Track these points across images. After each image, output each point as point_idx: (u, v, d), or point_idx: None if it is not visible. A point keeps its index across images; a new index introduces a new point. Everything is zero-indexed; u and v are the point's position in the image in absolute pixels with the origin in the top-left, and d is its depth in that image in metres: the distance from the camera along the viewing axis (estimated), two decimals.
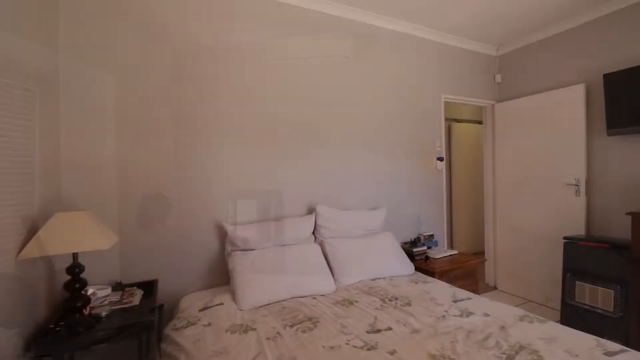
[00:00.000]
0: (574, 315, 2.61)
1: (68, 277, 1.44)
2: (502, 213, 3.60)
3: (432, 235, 3.03)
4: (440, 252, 2.86)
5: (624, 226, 2.53)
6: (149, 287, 1.87)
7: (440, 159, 3.30)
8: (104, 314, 1.54)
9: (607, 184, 2.83)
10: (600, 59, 2.85)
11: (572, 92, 2.95)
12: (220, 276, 2.18)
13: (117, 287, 1.83)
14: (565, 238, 2.72)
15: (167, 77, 2.05)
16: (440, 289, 2.05)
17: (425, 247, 2.89)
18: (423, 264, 2.63)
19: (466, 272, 2.71)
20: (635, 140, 2.64)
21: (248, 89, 2.31)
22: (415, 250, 2.80)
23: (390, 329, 1.54)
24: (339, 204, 2.64)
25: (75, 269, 1.45)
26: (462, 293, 1.98)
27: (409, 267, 2.41)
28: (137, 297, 1.73)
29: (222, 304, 1.80)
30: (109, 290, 1.77)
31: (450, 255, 2.83)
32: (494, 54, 3.72)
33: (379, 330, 1.53)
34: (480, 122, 4.26)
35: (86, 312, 1.51)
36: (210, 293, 1.99)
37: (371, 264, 2.28)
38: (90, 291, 1.64)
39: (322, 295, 1.98)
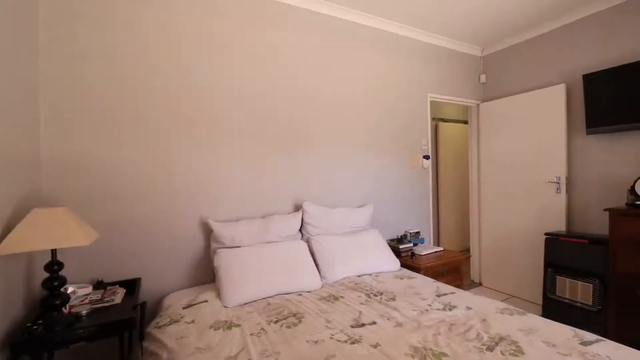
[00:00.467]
0: (555, 309, 2.68)
1: (47, 275, 1.41)
2: (486, 211, 3.67)
3: (418, 233, 3.07)
4: (426, 248, 2.89)
5: (602, 222, 2.62)
6: (131, 285, 1.85)
7: (426, 157, 3.35)
8: (84, 312, 1.51)
9: (586, 182, 2.91)
10: (579, 60, 2.93)
11: (553, 93, 3.03)
12: (206, 274, 2.16)
13: (99, 285, 1.80)
14: (546, 234, 2.80)
15: (151, 73, 2.02)
16: (424, 284, 2.08)
17: (411, 244, 2.93)
18: (409, 261, 2.66)
19: (451, 268, 2.76)
20: (612, 139, 2.73)
21: (236, 87, 2.30)
22: (401, 247, 2.83)
23: (374, 323, 1.56)
24: (326, 202, 2.66)
25: (53, 266, 1.41)
26: (446, 288, 2.01)
27: (394, 263, 2.43)
28: (119, 295, 1.71)
29: (206, 301, 1.78)
30: (90, 289, 1.73)
31: (436, 252, 2.87)
32: (479, 54, 3.79)
33: (363, 325, 1.54)
34: (466, 122, 4.34)
35: (65, 310, 1.47)
36: (195, 291, 1.97)
37: (357, 260, 2.30)
38: (70, 290, 1.61)
39: (308, 292, 1.98)
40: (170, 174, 2.07)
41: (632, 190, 2.38)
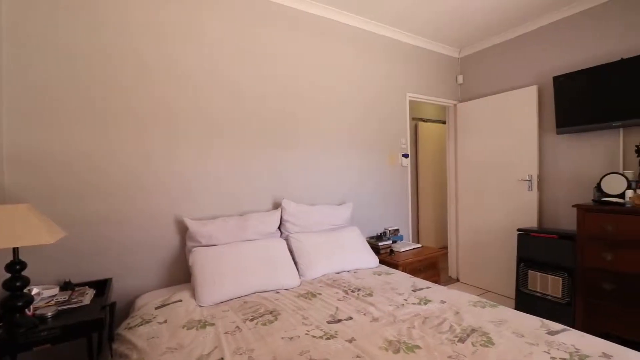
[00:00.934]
0: (527, 303, 2.77)
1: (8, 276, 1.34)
2: (463, 208, 3.76)
3: (397, 230, 3.11)
4: (405, 245, 2.93)
5: (571, 218, 2.73)
6: (102, 286, 1.78)
7: (405, 155, 3.40)
8: (49, 314, 1.44)
9: (556, 180, 3.03)
10: (550, 62, 3.05)
11: (526, 94, 3.14)
12: (182, 273, 2.12)
13: (67, 286, 1.72)
14: (518, 230, 2.89)
15: (121, 66, 1.95)
16: (401, 279, 2.11)
17: (390, 241, 2.96)
18: (388, 257, 2.69)
19: (429, 264, 2.80)
20: (580, 138, 2.85)
21: (216, 83, 2.26)
22: (380, 244, 2.86)
23: (350, 318, 1.56)
24: (305, 199, 2.65)
25: (15, 265, 1.35)
26: (422, 283, 2.04)
27: (373, 260, 2.45)
28: (88, 296, 1.64)
29: (180, 300, 1.74)
30: (56, 290, 1.66)
31: (414, 248, 2.92)
32: (456, 55, 3.88)
33: (339, 320, 1.54)
34: (444, 122, 4.43)
35: (29, 312, 1.41)
36: (170, 291, 1.92)
37: (336, 257, 2.30)
38: (34, 291, 1.54)
39: (286, 290, 1.97)
40: (145, 170, 2.01)
41: (598, 187, 2.49)
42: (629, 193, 2.29)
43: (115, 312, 1.67)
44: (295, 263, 2.20)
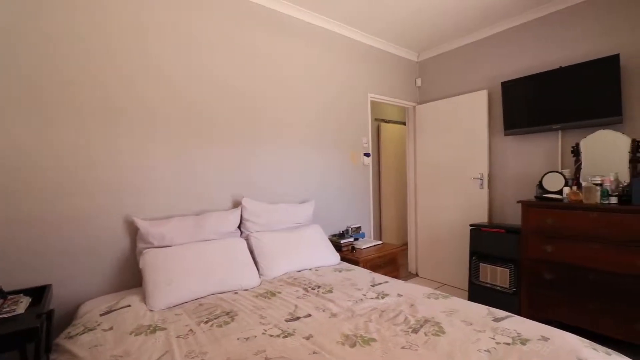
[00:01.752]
0: (479, 294, 2.94)
1: None
2: (422, 206, 3.92)
3: (359, 228, 3.16)
4: (366, 243, 2.99)
5: (518, 213, 2.93)
6: (39, 293, 1.62)
7: (367, 154, 3.46)
8: None
9: (504, 178, 3.25)
10: (499, 68, 3.27)
11: (477, 97, 3.34)
12: (132, 277, 1.99)
13: None
14: (471, 226, 3.06)
15: (58, 52, 1.80)
16: (361, 275, 2.14)
17: (352, 239, 3.00)
18: (349, 254, 2.73)
19: (389, 260, 2.88)
20: (525, 139, 3.08)
21: (168, 75, 2.14)
22: (342, 241, 2.89)
23: (309, 315, 1.56)
24: (266, 198, 2.61)
25: None
26: (381, 278, 2.09)
27: (335, 257, 2.47)
28: (22, 305, 1.49)
29: (129, 306, 1.64)
30: None
31: (375, 245, 2.99)
32: (415, 59, 4.03)
33: (298, 318, 1.53)
34: (405, 123, 4.58)
35: None
36: (118, 296, 1.80)
37: (297, 256, 2.29)
38: None
39: (245, 290, 1.92)
40: (90, 166, 1.86)
41: (540, 184, 2.70)
42: (566, 190, 2.50)
43: (53, 321, 1.53)
44: (256, 263, 2.16)
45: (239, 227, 2.35)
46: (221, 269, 1.92)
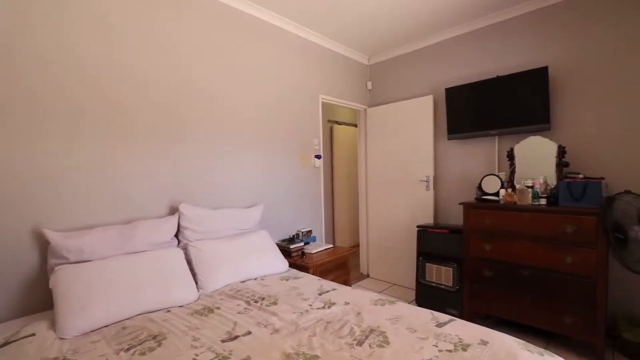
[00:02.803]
0: (426, 293, 3.01)
1: None
2: (372, 207, 3.95)
3: (310, 231, 3.08)
4: (317, 247, 2.92)
5: (460, 214, 3.05)
6: None
7: (318, 156, 3.40)
8: None
9: (448, 180, 3.39)
10: (444, 74, 3.39)
11: (424, 102, 3.44)
12: (41, 300, 1.70)
13: None
14: (418, 226, 3.13)
15: None
16: (309, 283, 2.06)
17: (302, 243, 2.91)
18: (299, 260, 2.63)
19: (339, 263, 2.84)
20: (467, 144, 3.23)
21: (90, 64, 1.88)
22: (292, 246, 2.79)
23: (249, 333, 1.44)
24: (209, 203, 2.43)
25: None
26: (329, 285, 2.03)
27: (283, 264, 2.36)
28: None
29: (33, 334, 1.38)
30: None
31: (326, 249, 2.93)
32: (366, 62, 4.06)
33: (236, 337, 1.40)
34: (357, 125, 4.61)
35: None
36: (21, 322, 1.52)
37: (242, 265, 2.14)
38: None
39: (180, 306, 1.74)
40: None
41: (479, 187, 2.83)
42: (502, 192, 2.65)
43: None
44: (194, 275, 1.98)
45: (177, 235, 2.14)
46: (152, 284, 1.71)
